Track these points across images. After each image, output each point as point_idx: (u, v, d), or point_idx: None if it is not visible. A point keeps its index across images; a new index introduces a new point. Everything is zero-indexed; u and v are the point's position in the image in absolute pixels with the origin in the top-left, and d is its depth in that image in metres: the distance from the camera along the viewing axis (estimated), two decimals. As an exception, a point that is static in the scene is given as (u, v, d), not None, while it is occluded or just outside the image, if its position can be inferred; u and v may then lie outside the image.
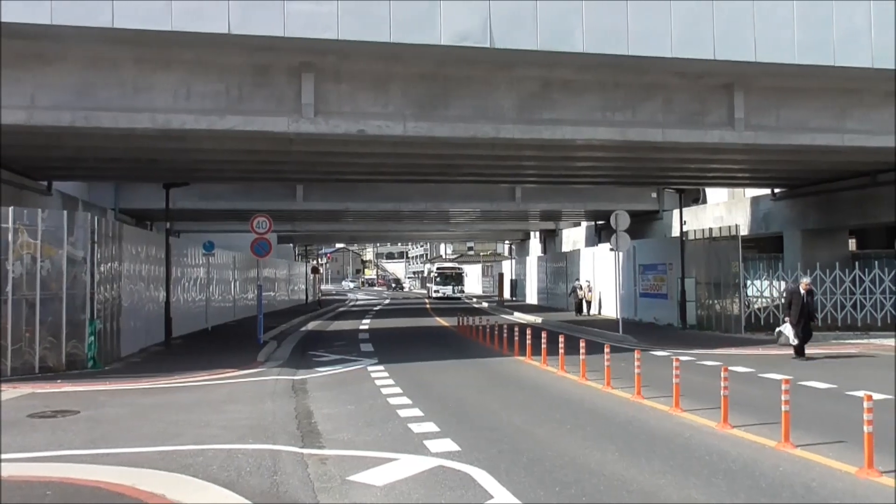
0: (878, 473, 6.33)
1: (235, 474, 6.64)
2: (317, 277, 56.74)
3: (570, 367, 13.39)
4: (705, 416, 8.96)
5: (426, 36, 13.41)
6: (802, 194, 25.93)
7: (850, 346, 17.09)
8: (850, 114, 17.67)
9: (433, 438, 8.13)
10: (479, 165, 21.04)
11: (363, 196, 31.01)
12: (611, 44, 14.20)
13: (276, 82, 14.29)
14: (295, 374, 13.84)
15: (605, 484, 6.35)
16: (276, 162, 19.47)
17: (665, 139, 16.65)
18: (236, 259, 30.76)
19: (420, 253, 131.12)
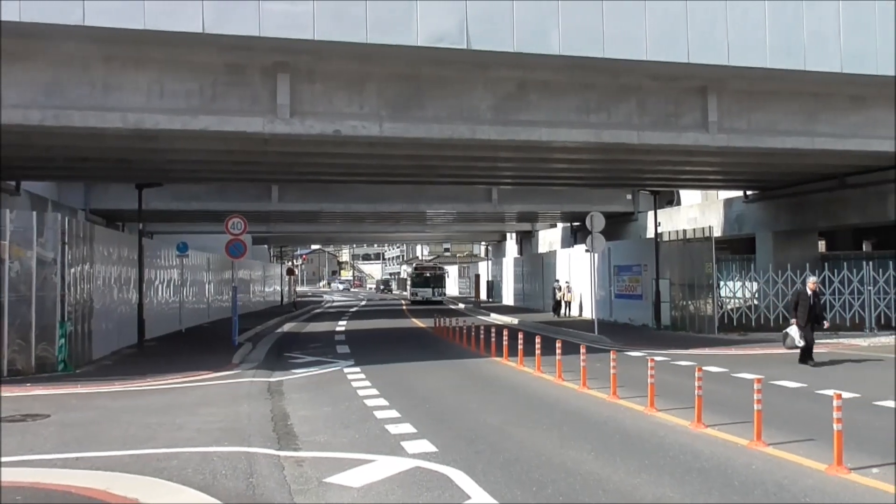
0: (846, 470, 6.44)
1: (210, 477, 6.57)
2: (292, 279, 56.38)
3: (547, 367, 13.45)
4: (679, 415, 9.05)
5: (402, 37, 13.40)
6: (774, 196, 26.36)
7: (820, 345, 17.36)
8: (819, 117, 18.01)
9: (410, 439, 8.12)
10: (455, 167, 21.07)
11: (339, 197, 30.88)
12: (587, 46, 14.31)
13: (250, 82, 14.18)
14: (270, 376, 13.74)
15: (581, 483, 6.39)
16: (250, 162, 19.32)
17: (640, 141, 16.81)
18: (211, 260, 30.46)
19: (397, 254, 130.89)
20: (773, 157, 19.80)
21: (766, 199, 26.86)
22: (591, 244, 20.83)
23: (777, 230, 26.51)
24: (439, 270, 53.40)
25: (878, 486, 6.08)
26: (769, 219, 26.84)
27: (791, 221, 25.88)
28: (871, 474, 6.43)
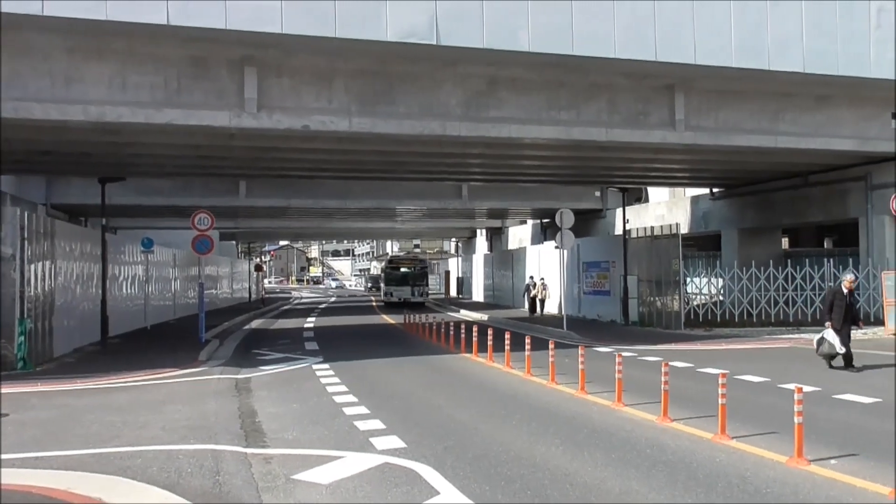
0: (806, 462, 6.58)
1: (176, 475, 6.48)
2: (260, 275, 55.80)
3: (516, 363, 13.51)
4: (646, 410, 9.16)
5: (372, 32, 13.34)
6: (739, 194, 26.82)
7: (782, 340, 17.73)
8: (783, 116, 18.36)
9: (379, 436, 8.09)
10: (425, 163, 21.05)
11: (307, 192, 30.66)
12: (556, 43, 14.39)
13: (217, 75, 14.00)
14: (238, 373, 13.59)
15: (549, 478, 6.43)
16: (217, 157, 19.09)
17: (609, 138, 16.97)
18: (176, 256, 30.01)
19: (366, 250, 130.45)
20: (739, 155, 20.15)
21: (732, 197, 27.32)
22: (560, 241, 20.96)
23: (742, 227, 26.99)
24: (420, 264, 42.10)
25: (836, 477, 6.22)
26: (735, 216, 27.31)
27: (756, 219, 26.36)
28: (830, 465, 6.57)
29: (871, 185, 21.19)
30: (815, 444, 7.07)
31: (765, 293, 22.03)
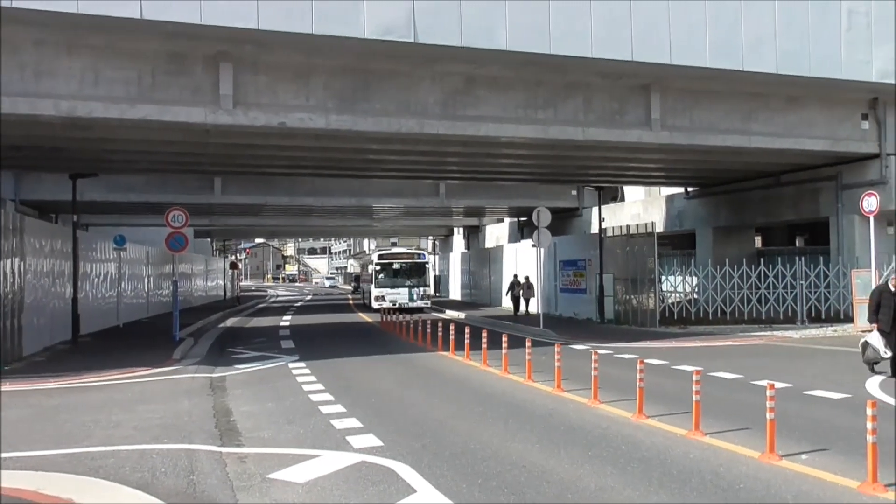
0: (778, 458, 6.68)
1: (149, 475, 6.40)
2: (235, 273, 55.32)
3: (493, 361, 13.55)
4: (622, 407, 9.23)
5: (349, 28, 13.28)
6: (713, 193, 27.13)
7: (755, 338, 17.97)
8: (756, 117, 18.62)
9: (356, 434, 8.06)
10: (402, 161, 21.01)
11: (284, 190, 30.44)
12: (533, 42, 14.45)
13: (192, 71, 13.85)
14: (213, 372, 13.46)
15: (526, 475, 6.45)
16: (192, 154, 18.87)
17: (585, 138, 17.07)
18: (150, 254, 29.65)
19: (343, 248, 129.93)
20: (713, 155, 20.38)
21: (706, 196, 27.63)
22: (537, 239, 21.04)
23: (716, 226, 27.30)
24: (418, 258, 34.13)
25: (806, 472, 6.32)
26: (709, 215, 27.62)
27: (730, 218, 26.69)
28: (801, 460, 6.68)
29: (842, 185, 21.56)
30: (786, 440, 7.17)
31: (738, 291, 22.31)
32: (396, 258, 33.63)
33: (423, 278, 32.66)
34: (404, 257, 34.01)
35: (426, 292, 32.33)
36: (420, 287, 31.84)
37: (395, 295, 31.27)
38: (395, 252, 37.38)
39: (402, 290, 31.57)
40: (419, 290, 31.73)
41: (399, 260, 33.30)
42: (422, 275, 32.67)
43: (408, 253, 36.41)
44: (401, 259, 33.44)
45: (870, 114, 19.97)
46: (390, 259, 33.31)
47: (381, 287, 31.79)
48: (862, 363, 11.81)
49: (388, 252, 35.82)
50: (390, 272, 32.37)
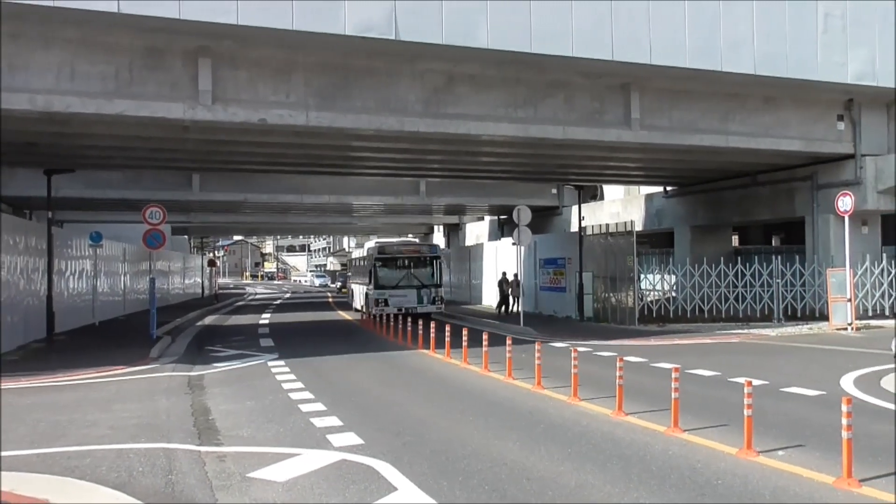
0: (755, 454, 6.76)
1: (127, 475, 6.32)
2: (213, 270, 54.84)
3: (473, 359, 13.56)
4: (601, 404, 9.28)
5: (330, 25, 13.22)
6: (692, 192, 27.39)
7: (733, 335, 18.16)
8: (734, 117, 18.82)
9: (336, 432, 8.03)
10: (383, 158, 20.96)
11: (263, 187, 30.25)
12: (515, 41, 14.48)
13: (171, 66, 13.71)
14: (191, 370, 13.34)
15: (506, 472, 6.47)
16: (170, 150, 18.69)
17: (566, 136, 17.14)
18: (127, 251, 29.30)
19: (322, 246, 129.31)
20: (692, 154, 20.57)
21: (685, 195, 27.89)
22: (517, 237, 21.09)
23: (694, 225, 27.57)
24: (429, 251, 26.96)
25: (783, 468, 6.40)
26: (687, 214, 27.87)
27: (707, 217, 26.96)
28: (778, 456, 6.76)
29: (817, 185, 21.87)
30: (763, 436, 7.26)
31: (716, 289, 22.55)
32: (401, 251, 26.39)
33: (435, 276, 25.61)
34: (412, 250, 26.98)
35: (438, 293, 25.27)
36: (431, 287, 25.11)
37: (401, 298, 24.44)
38: (401, 243, 29.12)
39: (409, 292, 24.74)
40: (430, 292, 25.00)
41: (405, 253, 26.16)
42: (433, 272, 25.65)
43: (416, 244, 29.87)
44: (407, 252, 26.36)
45: (845, 115, 20.29)
46: (394, 252, 26.04)
47: (383, 288, 24.66)
48: (836, 360, 11.97)
49: (391, 243, 27.58)
50: (394, 269, 25.46)
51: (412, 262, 25.65)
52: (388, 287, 24.68)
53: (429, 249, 26.68)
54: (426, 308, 24.48)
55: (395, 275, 25.18)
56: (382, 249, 25.76)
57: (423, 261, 25.80)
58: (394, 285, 24.76)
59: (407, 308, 23.69)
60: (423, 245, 27.55)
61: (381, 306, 24.04)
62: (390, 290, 24.61)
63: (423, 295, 24.78)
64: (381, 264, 25.32)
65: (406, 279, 25.05)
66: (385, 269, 25.25)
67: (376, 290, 24.64)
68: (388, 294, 24.53)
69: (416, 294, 24.68)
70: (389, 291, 24.57)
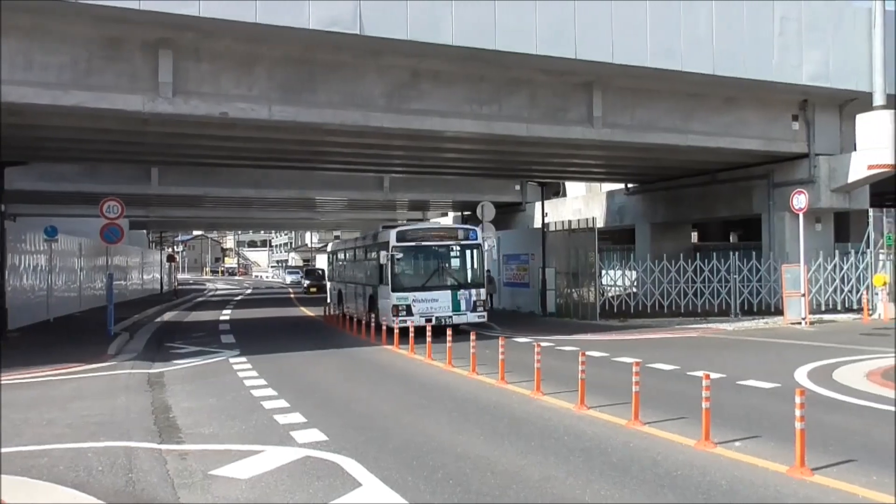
0: (713, 445, 6.93)
1: (86, 474, 6.21)
2: (173, 266, 53.93)
3: (437, 354, 13.60)
4: (564, 398, 9.40)
5: (294, 19, 13.11)
6: (652, 190, 27.83)
7: (691, 330, 18.52)
8: (694, 116, 19.17)
9: (300, 429, 7.99)
10: (347, 153, 20.84)
11: (224, 181, 29.84)
12: (479, 38, 14.53)
13: (130, 57, 13.43)
14: (150, 368, 13.14)
15: (471, 466, 6.52)
16: (129, 142, 18.30)
17: (529, 133, 17.27)
18: (83, 245, 28.63)
19: (284, 241, 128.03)
20: (653, 152, 20.89)
21: (646, 192, 28.32)
22: (482, 232, 21.13)
23: (655, 222, 28.02)
24: (464, 236, 19.09)
25: (740, 458, 6.58)
26: (648, 211, 28.31)
27: (667, 214, 27.43)
28: (735, 447, 6.94)
29: (773, 184, 22.41)
30: (721, 428, 7.44)
31: (675, 285, 22.96)
32: (430, 237, 18.77)
33: (476, 271, 18.71)
34: (443, 235, 19.07)
35: (480, 296, 18.37)
36: (471, 288, 18.29)
37: (430, 304, 17.83)
38: (428, 228, 20.33)
39: (441, 295, 18.01)
40: (469, 294, 18.16)
41: (435, 240, 18.69)
42: (473, 265, 18.77)
43: (448, 229, 20.57)
44: (438, 239, 18.80)
45: (800, 115, 20.82)
46: (420, 239, 18.52)
47: (403, 290, 17.88)
48: (790, 354, 12.31)
49: (415, 228, 19.41)
50: (420, 262, 18.64)
51: (444, 253, 18.69)
52: (411, 288, 17.92)
53: (465, 234, 18.95)
54: (465, 317, 18.07)
55: (421, 271, 18.46)
56: (403, 236, 18.29)
57: (460, 250, 18.85)
58: (420, 286, 18.00)
59: (439, 318, 17.50)
60: (458, 229, 19.63)
61: (402, 315, 17.51)
62: (414, 292, 17.85)
63: (461, 299, 18.05)
64: (401, 257, 18.18)
65: (437, 277, 18.30)
66: (407, 264, 18.41)
67: (394, 292, 17.80)
68: (412, 298, 17.75)
69: (450, 298, 18.00)
70: (413, 295, 17.79)
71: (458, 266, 18.78)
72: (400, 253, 18.08)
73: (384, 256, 17.94)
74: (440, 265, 18.46)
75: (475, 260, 18.58)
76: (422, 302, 17.76)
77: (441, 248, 18.63)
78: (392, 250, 17.96)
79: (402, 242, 18.18)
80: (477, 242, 18.72)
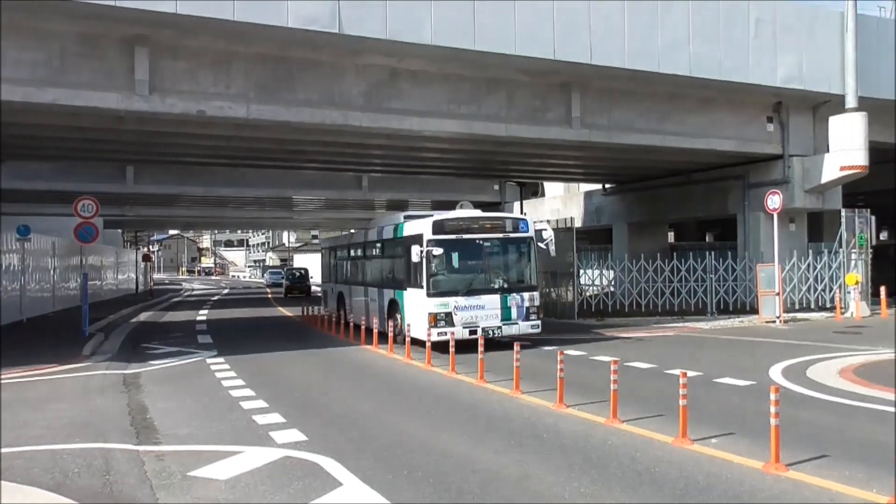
0: (690, 442, 7.02)
1: (62, 476, 6.14)
2: (148, 266, 53.33)
3: (416, 354, 13.61)
4: (543, 397, 9.46)
5: (272, 17, 13.04)
6: (629, 190, 28.06)
7: (668, 329, 18.71)
8: (670, 117, 19.37)
9: (279, 429, 7.96)
10: (325, 152, 20.77)
11: (201, 180, 29.56)
12: (458, 37, 14.56)
13: (106, 54, 13.28)
14: (126, 368, 12.99)
15: (451, 465, 6.54)
16: (104, 140, 18.08)
17: (508, 134, 17.33)
18: (57, 245, 28.21)
19: (262, 241, 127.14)
20: (630, 153, 21.08)
21: (623, 193, 28.55)
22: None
23: (632, 222, 28.26)
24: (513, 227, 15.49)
25: (716, 455, 6.68)
26: (625, 211, 28.54)
27: (644, 214, 27.68)
28: (711, 444, 7.04)
29: (749, 184, 22.71)
30: (697, 425, 7.53)
31: (652, 284, 23.17)
32: (475, 229, 15.18)
33: (529, 270, 15.69)
34: (491, 226, 15.39)
35: (534, 301, 15.32)
36: (523, 291, 15.18)
37: (476, 311, 14.71)
38: (472, 218, 15.83)
39: (488, 300, 14.85)
40: (521, 300, 15.10)
41: (481, 232, 15.17)
42: (526, 262, 15.68)
43: (495, 218, 16.13)
44: (485, 230, 15.23)
45: (774, 117, 21.13)
46: (463, 231, 15.05)
47: (442, 294, 14.64)
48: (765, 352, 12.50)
49: (457, 218, 15.58)
50: (463, 260, 15.24)
51: (491, 249, 15.34)
52: (451, 292, 14.72)
53: (515, 225, 15.61)
54: (517, 327, 15.00)
55: (464, 270, 15.22)
56: (441, 227, 14.86)
57: (510, 245, 15.56)
58: (464, 289, 14.79)
59: (486, 328, 14.56)
60: (507, 218, 16.24)
61: (441, 325, 14.35)
62: (455, 297, 14.67)
63: (512, 304, 14.97)
64: (440, 253, 14.60)
65: (484, 278, 15.17)
66: (446, 262, 14.94)
67: (431, 297, 14.61)
68: (454, 305, 14.59)
69: (498, 303, 14.87)
70: (455, 300, 14.62)
71: (508, 264, 15.53)
72: (438, 248, 14.50)
73: (417, 253, 14.44)
74: (487, 263, 15.22)
75: (529, 256, 15.52)
76: (465, 309, 14.57)
77: (487, 241, 15.21)
78: (427, 245, 14.52)
79: (441, 235, 14.73)
80: (529, 235, 15.53)
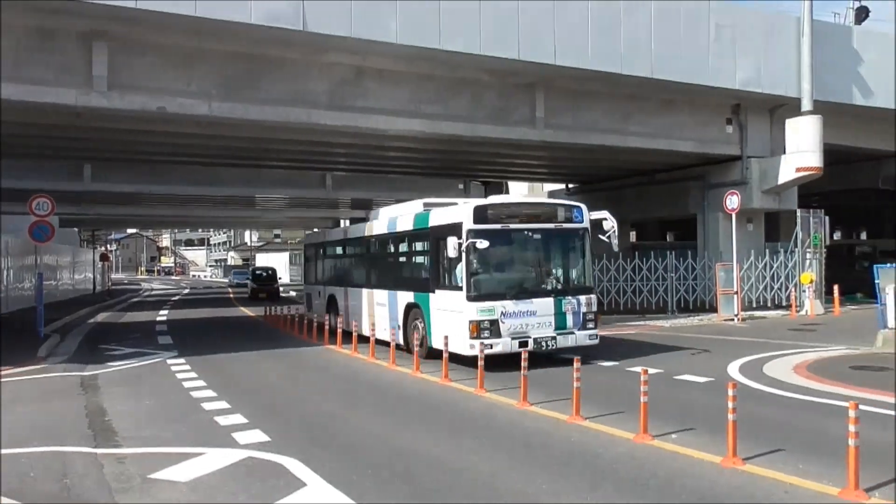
0: (651, 438, 7.15)
1: (18, 481, 5.99)
2: (106, 265, 52.22)
3: (381, 354, 13.58)
4: (507, 395, 9.53)
5: (235, 13, 12.89)
6: (592, 190, 28.38)
7: (630, 327, 18.97)
8: (632, 118, 19.65)
9: (242, 430, 7.87)
10: (289, 151, 20.60)
11: (161, 178, 29.05)
12: (424, 36, 14.57)
13: (63, 49, 12.98)
14: (84, 370, 12.71)
15: (417, 463, 6.55)
16: (61, 137, 17.67)
17: (474, 133, 17.41)
18: (9, 244, 27.45)
19: (223, 240, 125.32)
20: (593, 153, 21.32)
21: (586, 192, 28.84)
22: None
23: (594, 221, 28.52)
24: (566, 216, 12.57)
25: (677, 450, 6.81)
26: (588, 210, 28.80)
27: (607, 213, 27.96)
28: (671, 440, 7.18)
29: (708, 185, 23.15)
30: (658, 421, 7.66)
31: (615, 283, 23.48)
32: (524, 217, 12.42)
33: (585, 267, 13.07)
34: (542, 215, 12.66)
35: (591, 304, 12.66)
36: (579, 294, 12.51)
37: (526, 318, 11.90)
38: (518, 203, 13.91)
39: (540, 304, 12.04)
40: (577, 304, 12.38)
41: (530, 221, 12.41)
42: (580, 258, 13.01)
43: (546, 205, 13.91)
44: (534, 220, 12.47)
45: (733, 119, 21.58)
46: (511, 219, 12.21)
47: (486, 298, 11.77)
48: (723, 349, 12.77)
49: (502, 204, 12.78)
50: (510, 256, 12.55)
51: (543, 241, 12.58)
52: (497, 294, 11.85)
53: (568, 214, 12.81)
54: (573, 337, 12.34)
55: (512, 268, 12.52)
56: (483, 214, 11.94)
57: (564, 237, 12.85)
58: (512, 291, 11.97)
59: (538, 340, 11.91)
60: (560, 205, 13.16)
61: (485, 335, 11.56)
62: (502, 300, 11.79)
63: (567, 310, 12.24)
64: (485, 247, 11.61)
65: (534, 277, 12.46)
66: (490, 258, 12.03)
67: (472, 301, 11.70)
68: (501, 310, 11.70)
69: (552, 308, 12.12)
70: (502, 305, 11.75)
71: (561, 260, 12.93)
72: (483, 241, 11.55)
73: (454, 246, 11.50)
74: (538, 259, 12.53)
75: (582, 250, 12.86)
76: (514, 316, 11.77)
77: (538, 233, 12.39)
78: (468, 236, 11.63)
79: (484, 224, 11.80)
80: (585, 225, 12.84)
